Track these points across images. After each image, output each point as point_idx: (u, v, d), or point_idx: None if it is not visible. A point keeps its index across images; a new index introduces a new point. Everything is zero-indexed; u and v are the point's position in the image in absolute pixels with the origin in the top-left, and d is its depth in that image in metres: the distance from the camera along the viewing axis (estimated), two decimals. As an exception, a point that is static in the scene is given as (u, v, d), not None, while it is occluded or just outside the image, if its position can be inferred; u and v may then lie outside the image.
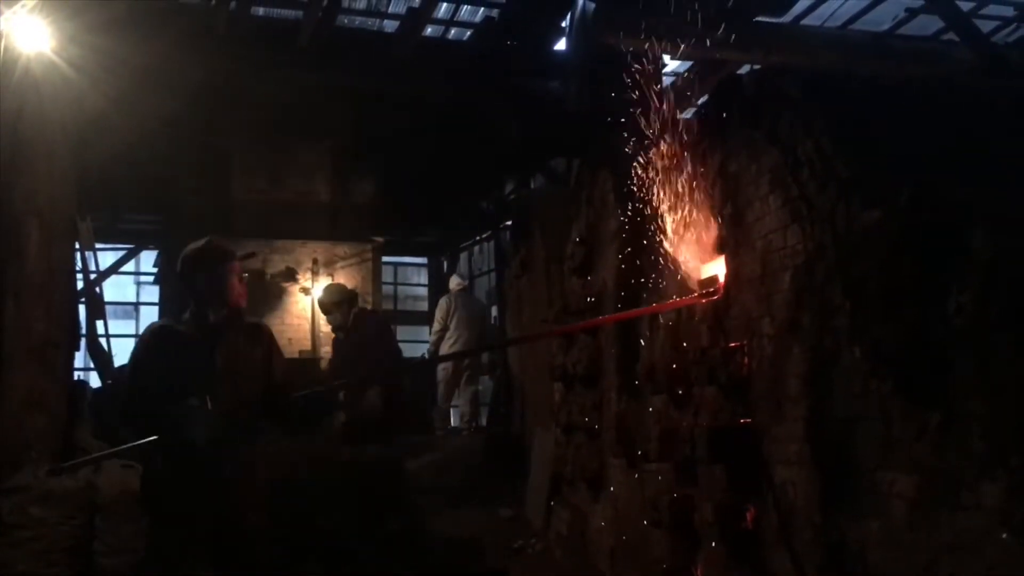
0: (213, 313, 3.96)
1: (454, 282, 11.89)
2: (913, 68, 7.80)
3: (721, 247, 4.83)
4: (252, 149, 10.55)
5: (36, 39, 5.49)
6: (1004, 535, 2.82)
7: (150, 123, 8.19)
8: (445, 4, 8.33)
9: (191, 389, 3.70)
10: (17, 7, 5.28)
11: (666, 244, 5.16)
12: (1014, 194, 3.39)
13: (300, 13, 7.67)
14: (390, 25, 8.39)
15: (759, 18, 7.42)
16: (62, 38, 5.65)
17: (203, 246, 4.05)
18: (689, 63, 8.39)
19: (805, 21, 8.34)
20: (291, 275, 10.41)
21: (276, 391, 4.05)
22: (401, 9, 8.18)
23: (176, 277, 4.11)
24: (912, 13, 8.20)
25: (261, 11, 8.22)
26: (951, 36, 7.87)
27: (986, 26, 8.36)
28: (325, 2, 7.13)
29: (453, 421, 11.76)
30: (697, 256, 5.03)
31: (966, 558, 2.97)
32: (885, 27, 8.41)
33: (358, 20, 8.58)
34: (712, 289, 4.79)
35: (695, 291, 4.97)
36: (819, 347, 3.87)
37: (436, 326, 11.24)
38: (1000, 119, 4.24)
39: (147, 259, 13.86)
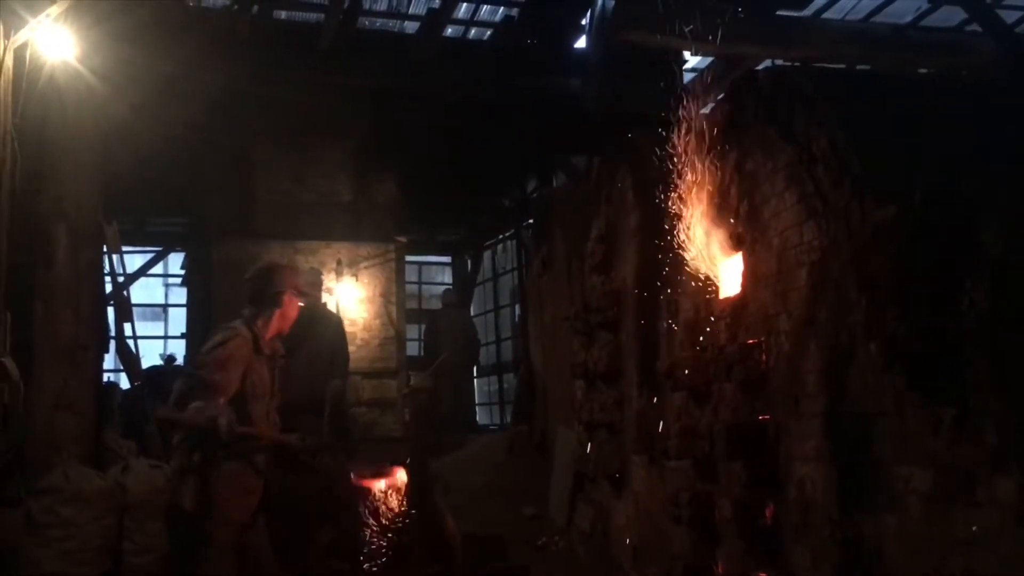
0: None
1: (446, 297, 12.25)
2: (935, 60, 7.74)
3: (738, 243, 4.83)
4: (275, 151, 10.61)
5: (60, 48, 5.57)
6: (1018, 530, 2.82)
7: (174, 128, 8.28)
8: (465, 4, 8.34)
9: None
10: (41, 16, 5.36)
11: (685, 241, 5.17)
12: (1029, 189, 3.38)
13: (322, 16, 7.74)
14: (411, 26, 8.43)
15: (780, 12, 7.38)
16: (86, 46, 5.72)
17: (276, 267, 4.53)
18: (709, 59, 8.37)
19: (826, 15, 8.29)
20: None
21: None
22: (421, 10, 8.21)
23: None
24: (934, 4, 8.12)
25: (283, 15, 8.30)
26: (974, 27, 7.80)
27: (1010, 16, 8.27)
28: (346, 4, 7.18)
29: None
30: (715, 253, 5.04)
31: (980, 553, 2.97)
32: (907, 19, 8.34)
33: (379, 22, 8.62)
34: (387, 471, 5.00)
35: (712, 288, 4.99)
36: (835, 343, 3.87)
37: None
38: (1019, 111, 4.22)
39: (175, 261, 14.00)
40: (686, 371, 5.32)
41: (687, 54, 7.89)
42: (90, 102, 6.19)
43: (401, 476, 4.73)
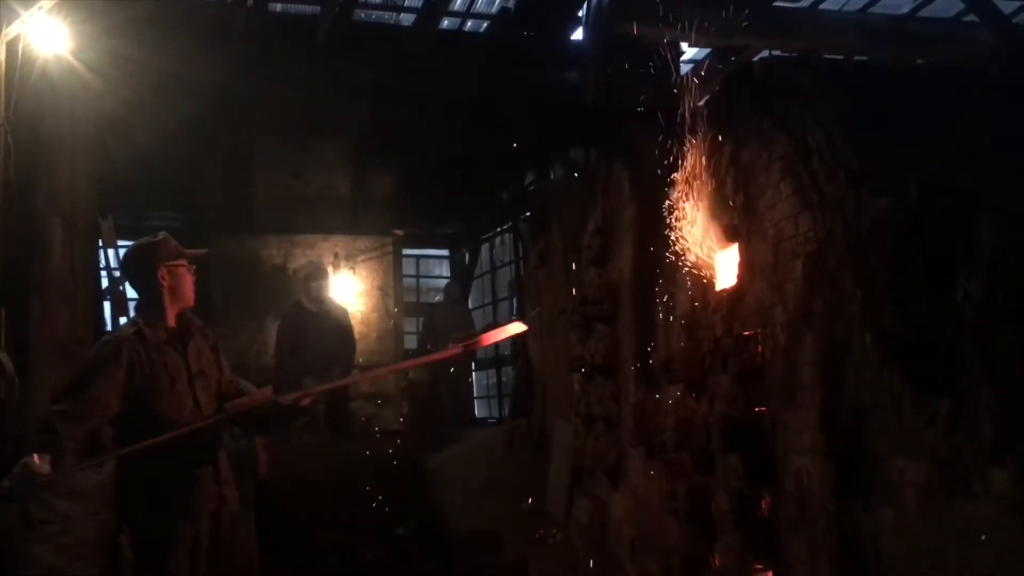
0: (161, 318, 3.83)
1: (448, 291, 12.40)
2: (933, 51, 7.72)
3: (734, 235, 4.82)
4: (272, 146, 10.62)
5: (53, 41, 5.55)
6: (1013, 521, 2.82)
7: (170, 123, 8.27)
8: (461, -4, 8.35)
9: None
10: (34, 9, 5.34)
11: (681, 233, 5.16)
12: (1024, 181, 3.37)
13: (318, 8, 7.72)
14: (407, 19, 8.41)
15: (777, 3, 7.36)
16: (80, 40, 5.70)
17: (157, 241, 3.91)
18: (707, 50, 8.35)
19: (824, 5, 8.27)
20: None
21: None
22: (417, 2, 8.19)
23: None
24: (932, -6, 8.11)
25: (279, 7, 8.28)
26: (972, 18, 7.77)
27: (1007, 7, 8.24)
28: (341, -4, 7.17)
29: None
30: (711, 245, 5.03)
31: (976, 545, 2.97)
32: (905, 10, 8.31)
33: (375, 14, 8.60)
34: (473, 340, 4.69)
35: (709, 279, 4.99)
36: (831, 336, 3.86)
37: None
38: (1017, 104, 4.20)
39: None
40: (682, 364, 5.32)
41: (684, 46, 7.87)
42: (84, 96, 6.17)
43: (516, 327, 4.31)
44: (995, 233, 3.06)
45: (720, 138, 4.97)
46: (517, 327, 4.37)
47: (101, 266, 7.67)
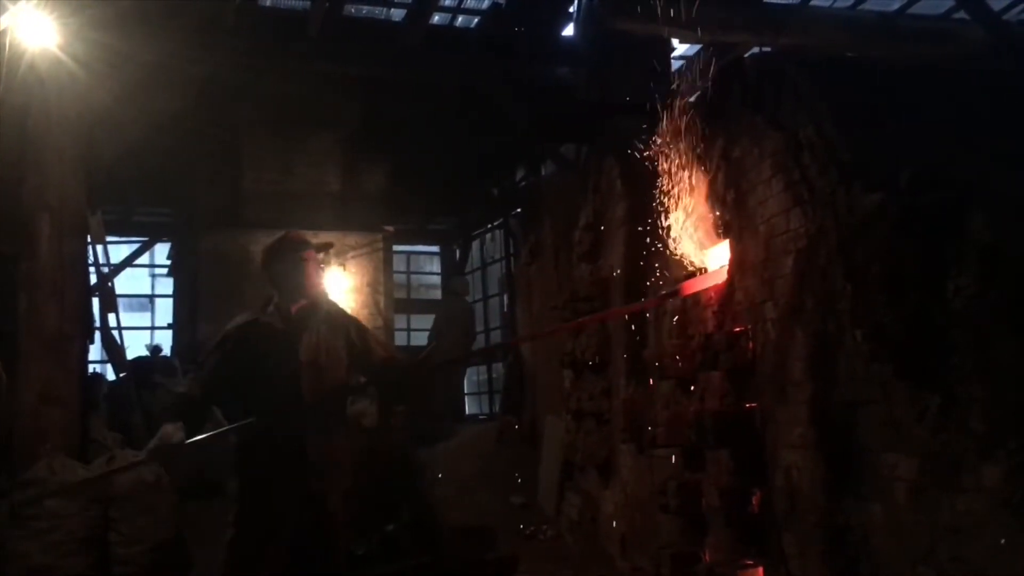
0: (294, 304, 3.98)
1: (451, 286, 12.52)
2: (923, 48, 7.74)
3: (725, 231, 4.82)
4: (262, 140, 10.56)
5: (41, 35, 5.51)
6: (1004, 516, 2.82)
7: (159, 117, 8.22)
8: (452, -9, 8.33)
9: (276, 381, 3.77)
10: (21, 3, 5.30)
11: (672, 229, 5.15)
12: (1016, 177, 3.37)
13: (308, 3, 7.69)
14: (397, 14, 8.39)
15: (769, -1, 7.38)
16: (67, 34, 5.67)
17: (279, 238, 4.13)
18: (698, 46, 8.35)
19: (814, 2, 8.28)
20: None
21: (383, 364, 4.06)
22: (408, -3, 8.18)
23: (259, 269, 4.22)
24: (922, -9, 8.13)
25: (268, 1, 8.25)
26: (962, 15, 7.80)
27: (997, 4, 8.27)
28: (332, -10, 7.14)
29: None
30: (702, 241, 5.02)
31: (967, 540, 2.97)
32: (895, 7, 8.33)
33: (365, 9, 8.58)
34: (674, 291, 4.79)
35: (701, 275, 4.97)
36: (822, 331, 3.86)
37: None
38: (1008, 100, 4.21)
39: (161, 252, 13.94)
40: (673, 359, 5.31)
41: (675, 42, 7.88)
42: (72, 90, 6.13)
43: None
44: (986, 228, 3.05)
45: (711, 133, 4.96)
46: (720, 276, 4.68)
47: (90, 261, 7.62)
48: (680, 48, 8.66)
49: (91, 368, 8.00)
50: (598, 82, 7.77)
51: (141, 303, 16.19)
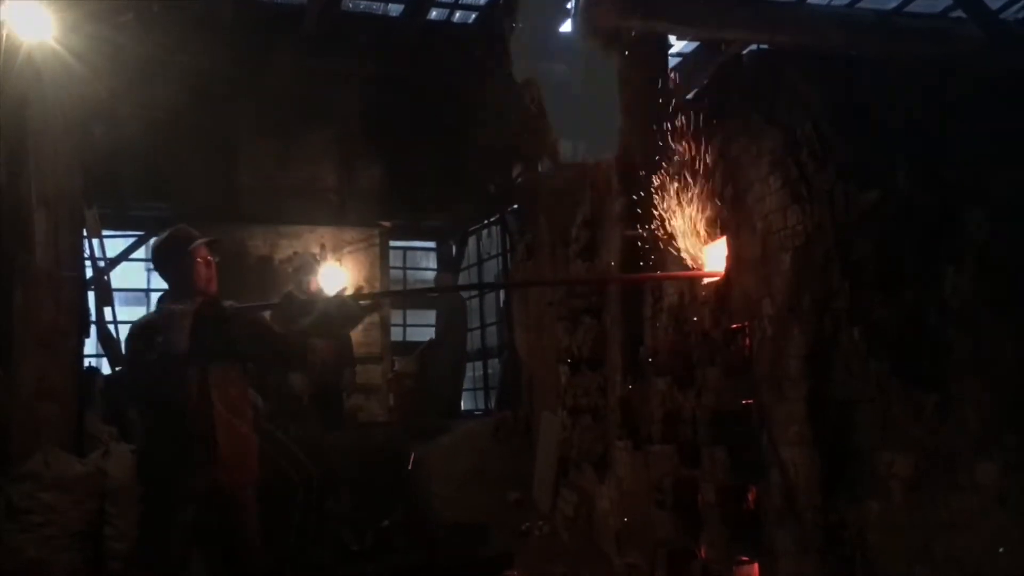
0: (182, 301, 3.99)
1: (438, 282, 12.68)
2: (920, 46, 7.73)
3: (722, 228, 4.82)
4: (258, 135, 10.53)
5: (37, 28, 5.49)
6: (1000, 513, 2.83)
7: (156, 112, 8.21)
8: (449, -13, 8.33)
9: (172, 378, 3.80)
10: (18, -4, 5.29)
11: (669, 226, 5.15)
12: (1013, 175, 3.37)
13: (305, -2, 7.69)
14: (395, 9, 8.39)
15: (765, -3, 7.36)
16: (63, 27, 5.65)
17: (166, 236, 4.17)
18: (695, 44, 8.36)
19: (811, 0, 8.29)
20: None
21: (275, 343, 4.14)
22: (405, -7, 8.18)
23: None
24: (919, -10, 8.14)
25: (266, -4, 8.26)
26: (959, 13, 7.79)
27: (994, 3, 8.28)
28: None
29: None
30: (699, 238, 5.02)
31: (962, 537, 2.98)
32: (892, 5, 8.34)
33: (363, 4, 8.58)
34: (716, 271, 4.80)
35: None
36: (819, 328, 3.87)
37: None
38: (1005, 98, 4.21)
39: (157, 246, 13.88)
40: (670, 356, 5.32)
41: (672, 39, 7.86)
42: (69, 83, 6.11)
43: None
44: (983, 226, 3.06)
45: (709, 131, 4.96)
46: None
47: (86, 256, 7.60)
48: (677, 45, 8.65)
49: (87, 362, 7.97)
50: (594, 78, 7.75)
51: (137, 297, 16.12)
